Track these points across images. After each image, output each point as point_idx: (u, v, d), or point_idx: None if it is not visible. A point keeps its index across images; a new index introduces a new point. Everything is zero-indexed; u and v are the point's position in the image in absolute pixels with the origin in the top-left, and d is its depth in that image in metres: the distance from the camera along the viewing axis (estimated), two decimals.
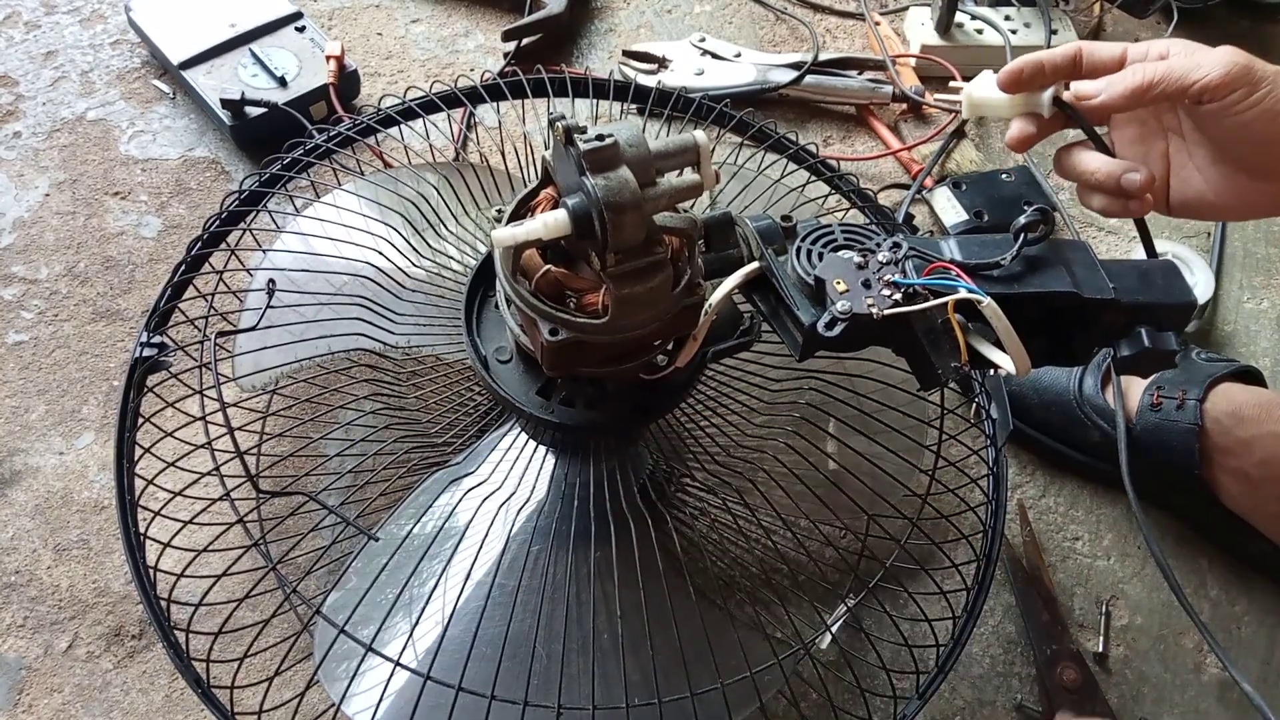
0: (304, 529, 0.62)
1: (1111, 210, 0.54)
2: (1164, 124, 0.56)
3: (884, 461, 0.63)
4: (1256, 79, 0.50)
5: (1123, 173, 0.53)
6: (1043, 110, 0.54)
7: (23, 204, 0.85)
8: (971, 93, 0.57)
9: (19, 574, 0.68)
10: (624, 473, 0.59)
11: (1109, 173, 0.53)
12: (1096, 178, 0.54)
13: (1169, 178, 0.56)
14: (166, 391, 0.61)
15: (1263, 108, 0.50)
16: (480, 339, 0.57)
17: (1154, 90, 0.51)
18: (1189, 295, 0.49)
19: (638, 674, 0.54)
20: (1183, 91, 0.51)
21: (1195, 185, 0.55)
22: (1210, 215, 0.57)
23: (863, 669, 0.62)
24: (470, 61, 1.01)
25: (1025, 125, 0.55)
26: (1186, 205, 0.56)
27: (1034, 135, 0.55)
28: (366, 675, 0.54)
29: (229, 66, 0.90)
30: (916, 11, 1.06)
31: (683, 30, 1.06)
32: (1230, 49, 0.51)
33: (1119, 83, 0.52)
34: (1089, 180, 0.54)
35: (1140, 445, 0.71)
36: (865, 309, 0.44)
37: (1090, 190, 0.55)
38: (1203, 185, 0.55)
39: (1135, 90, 0.51)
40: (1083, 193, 0.56)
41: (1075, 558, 0.75)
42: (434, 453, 0.63)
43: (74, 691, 0.64)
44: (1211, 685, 0.70)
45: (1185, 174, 0.56)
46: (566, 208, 0.43)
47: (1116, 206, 0.54)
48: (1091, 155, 0.54)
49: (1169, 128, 0.56)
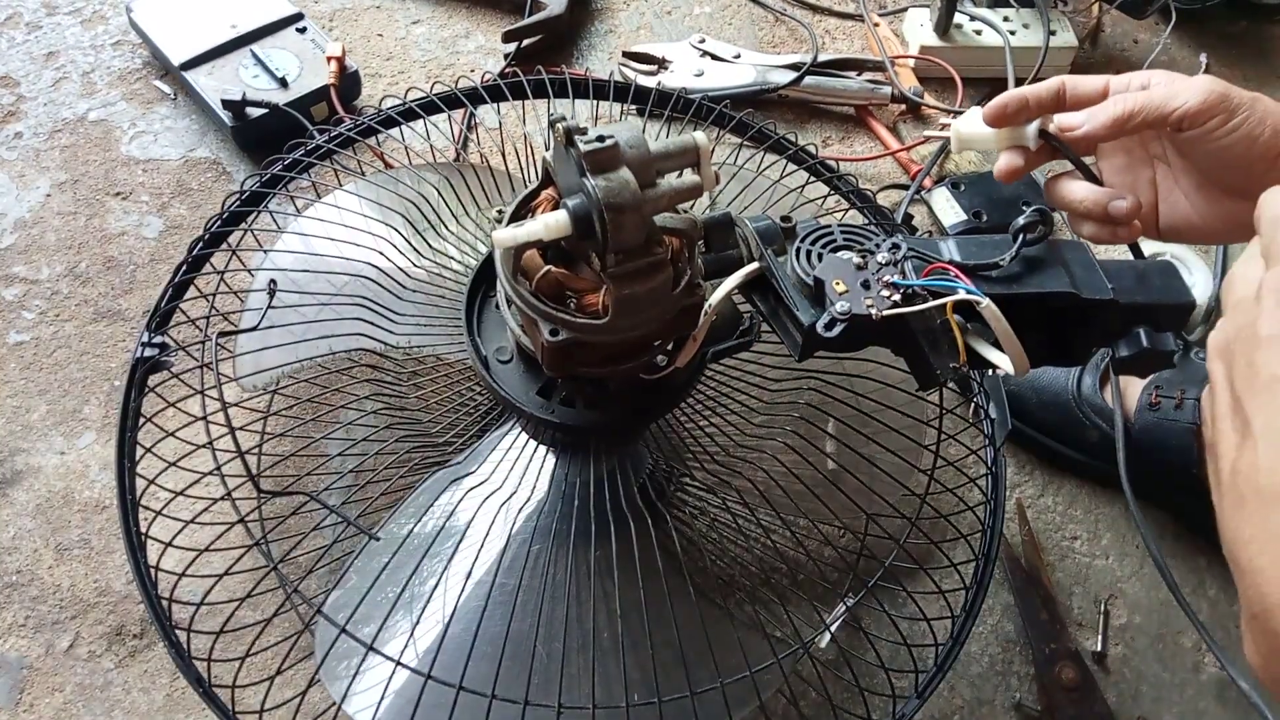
0: (305, 528, 0.62)
1: (1101, 237, 0.56)
2: (1150, 152, 0.57)
3: (883, 461, 0.63)
4: (1233, 106, 0.51)
5: (1109, 201, 0.54)
6: (1029, 143, 0.55)
7: (24, 204, 0.86)
8: (960, 129, 0.58)
9: (20, 573, 0.68)
10: (624, 472, 0.59)
11: (1096, 201, 0.55)
12: (1084, 206, 0.55)
13: (1157, 203, 0.57)
14: (168, 391, 0.61)
15: (1241, 133, 0.51)
16: (481, 339, 0.57)
17: (1135, 119, 0.52)
18: (1187, 296, 0.49)
19: (638, 673, 0.54)
20: (1163, 119, 0.52)
21: (1182, 210, 0.57)
22: (1198, 239, 0.58)
23: (862, 668, 0.63)
24: (471, 62, 1.01)
25: (1013, 158, 0.57)
26: (1175, 229, 0.57)
27: (1021, 168, 0.57)
28: (367, 674, 0.54)
29: (230, 67, 0.90)
30: (915, 13, 1.06)
31: (682, 31, 1.07)
32: (1208, 78, 0.52)
33: (1101, 114, 0.53)
34: (1077, 209, 0.55)
35: (1138, 445, 0.71)
36: (864, 310, 0.45)
37: (1080, 219, 0.56)
38: (1189, 210, 0.56)
39: (1117, 120, 0.53)
40: (1073, 220, 0.57)
41: (1074, 557, 0.75)
42: (435, 452, 0.63)
43: (75, 691, 0.64)
44: (1210, 684, 0.70)
45: (1173, 199, 0.57)
46: (567, 209, 0.43)
47: (1106, 233, 0.55)
48: (1079, 185, 0.55)
49: (1155, 155, 0.57)
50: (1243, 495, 0.33)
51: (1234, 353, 0.35)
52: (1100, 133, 0.53)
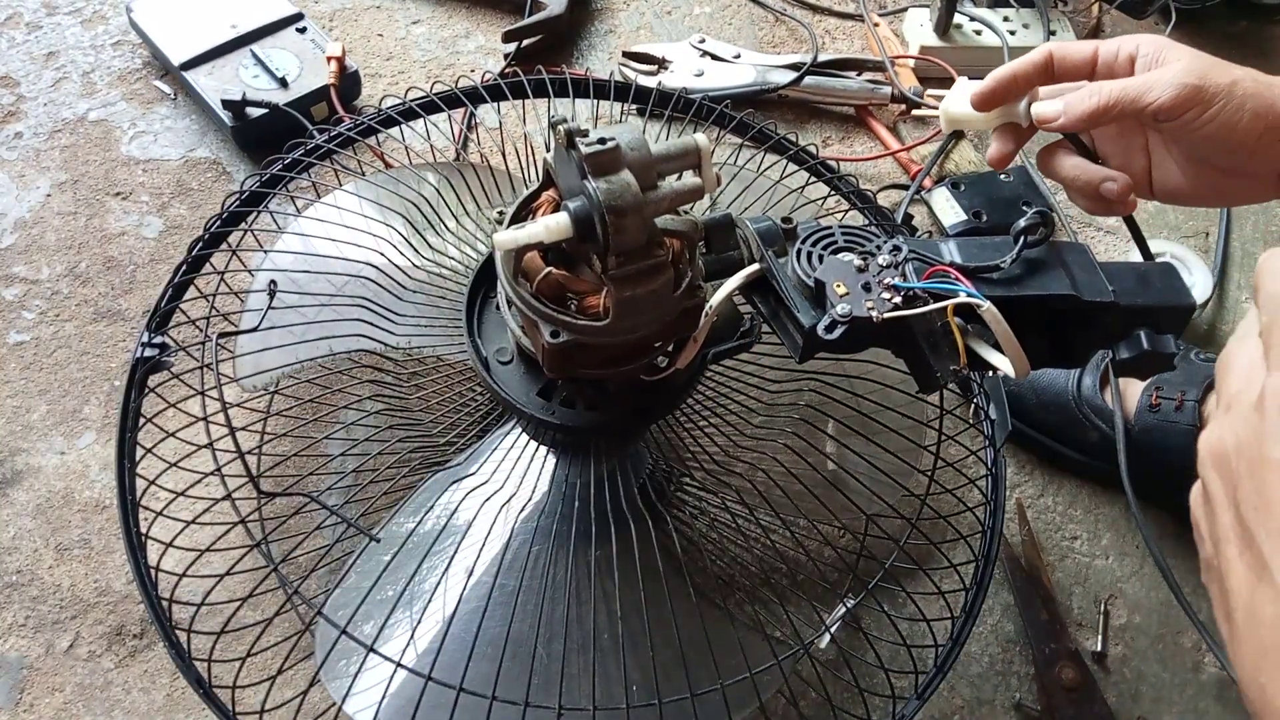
0: (306, 529, 0.62)
1: (1097, 210, 0.55)
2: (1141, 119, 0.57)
3: (882, 462, 0.63)
4: (1208, 97, 0.50)
5: (1101, 182, 0.54)
6: (1021, 120, 0.55)
7: (24, 204, 0.86)
8: (949, 109, 0.58)
9: (20, 573, 0.68)
10: (624, 473, 0.59)
11: (1088, 180, 0.54)
12: (1077, 183, 0.54)
13: (1150, 168, 0.57)
14: (168, 392, 0.61)
15: (1219, 122, 0.51)
16: (481, 340, 0.57)
17: (1110, 113, 0.52)
18: (1187, 297, 0.49)
19: (638, 673, 0.54)
20: (1138, 113, 0.52)
21: (1174, 177, 0.56)
22: (1191, 203, 0.58)
23: (861, 669, 0.63)
24: (471, 62, 1.01)
25: (1004, 144, 0.56)
26: (1168, 193, 0.57)
27: (1014, 151, 0.56)
28: (367, 674, 0.54)
29: (230, 67, 0.90)
30: (915, 13, 1.06)
31: (682, 31, 1.07)
32: (1183, 66, 0.51)
33: (1076, 106, 0.53)
34: (1071, 185, 0.55)
35: (1138, 446, 0.71)
36: (865, 312, 0.45)
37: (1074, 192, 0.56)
38: (1180, 179, 0.56)
39: (1093, 114, 0.52)
40: (1069, 192, 0.56)
41: (1074, 557, 0.75)
42: (435, 453, 0.63)
43: (75, 691, 0.64)
44: (1210, 684, 0.70)
45: (1165, 166, 0.57)
46: (568, 211, 0.43)
47: (1101, 207, 0.55)
48: (1072, 160, 0.55)
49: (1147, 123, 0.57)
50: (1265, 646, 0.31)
51: (1237, 471, 0.33)
52: (1076, 126, 0.53)
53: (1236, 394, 0.34)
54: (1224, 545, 0.33)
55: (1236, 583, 0.33)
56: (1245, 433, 0.32)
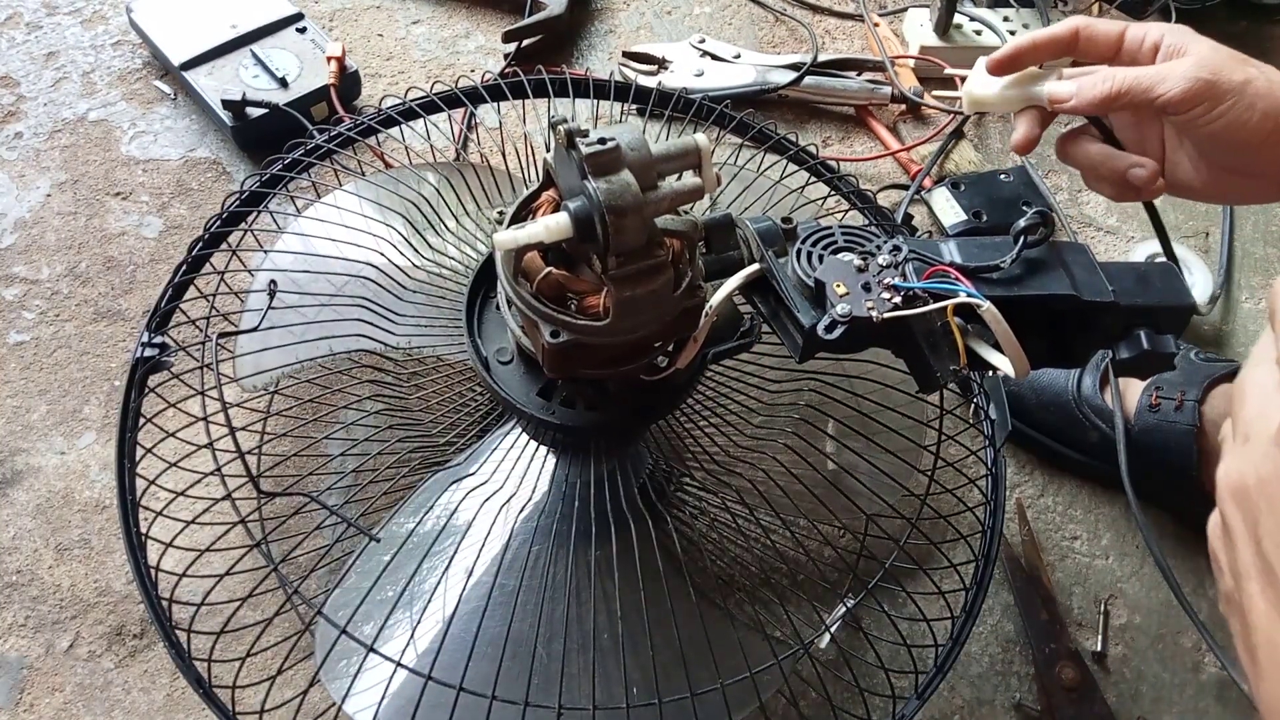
0: (306, 529, 0.62)
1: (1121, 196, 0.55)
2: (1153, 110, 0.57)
3: (882, 462, 0.63)
4: (1220, 93, 0.50)
5: (1128, 168, 0.53)
6: (1044, 102, 0.54)
7: (24, 204, 0.86)
8: (972, 90, 0.57)
9: (20, 573, 0.68)
10: (624, 473, 0.59)
11: (1113, 167, 0.54)
12: (1102, 169, 0.54)
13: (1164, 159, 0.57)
14: (168, 392, 0.61)
15: (1228, 119, 0.50)
16: (481, 340, 0.57)
17: (1121, 100, 0.52)
18: (1187, 298, 0.49)
19: (638, 673, 0.54)
20: (1148, 104, 0.52)
21: (1185, 172, 0.56)
22: (1202, 199, 0.58)
23: (861, 668, 0.63)
24: (471, 62, 1.01)
25: (1030, 127, 0.56)
26: (1180, 187, 0.57)
27: (1038, 135, 0.56)
28: (367, 674, 0.54)
29: (230, 67, 0.90)
30: (915, 13, 1.06)
31: (682, 31, 1.07)
32: (1196, 62, 0.51)
33: (1088, 90, 0.53)
34: (1095, 172, 0.55)
35: (1138, 446, 0.71)
36: (865, 312, 0.45)
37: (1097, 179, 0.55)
38: (1191, 174, 0.56)
39: (1104, 100, 0.52)
40: (1089, 180, 0.56)
41: (1074, 557, 0.75)
42: (435, 453, 0.63)
43: (75, 691, 0.64)
44: (1210, 684, 0.70)
45: (1177, 159, 0.57)
46: (568, 211, 0.43)
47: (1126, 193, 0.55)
48: (1096, 146, 0.55)
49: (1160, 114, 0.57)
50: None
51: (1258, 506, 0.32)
52: (1087, 109, 0.53)
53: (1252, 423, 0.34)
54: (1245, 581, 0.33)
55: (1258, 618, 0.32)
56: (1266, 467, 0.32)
